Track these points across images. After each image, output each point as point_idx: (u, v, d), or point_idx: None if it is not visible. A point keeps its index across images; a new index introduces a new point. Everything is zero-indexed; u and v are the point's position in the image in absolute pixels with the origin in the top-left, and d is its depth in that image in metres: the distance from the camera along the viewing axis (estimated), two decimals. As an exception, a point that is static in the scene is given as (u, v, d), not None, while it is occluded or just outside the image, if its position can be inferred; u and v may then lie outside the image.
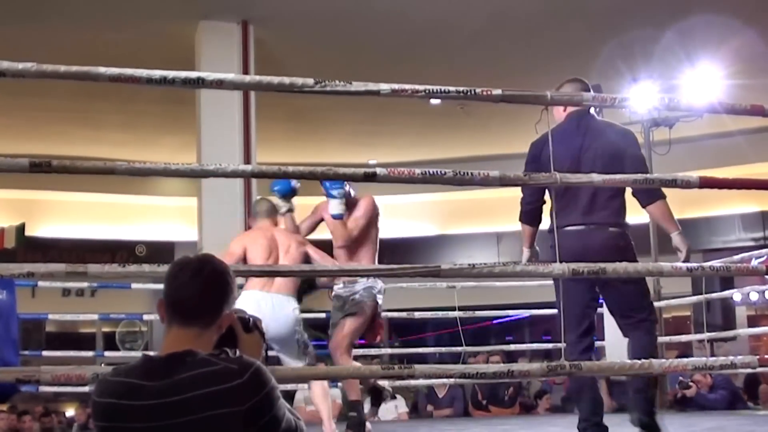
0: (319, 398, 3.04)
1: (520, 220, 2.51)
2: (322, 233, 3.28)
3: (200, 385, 1.09)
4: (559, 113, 2.52)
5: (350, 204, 3.06)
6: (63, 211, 9.15)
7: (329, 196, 3.00)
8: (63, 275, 1.87)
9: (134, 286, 4.59)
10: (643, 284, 2.42)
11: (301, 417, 1.23)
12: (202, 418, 1.08)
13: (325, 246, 3.09)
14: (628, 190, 2.40)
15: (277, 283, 2.85)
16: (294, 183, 3.02)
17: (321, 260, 2.94)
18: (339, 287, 3.17)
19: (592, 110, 2.50)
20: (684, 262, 2.34)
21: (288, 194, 3.04)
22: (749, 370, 5.05)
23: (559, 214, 2.39)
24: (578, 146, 2.37)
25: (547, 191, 2.44)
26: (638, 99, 3.29)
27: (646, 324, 2.37)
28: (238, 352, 1.19)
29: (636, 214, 2.61)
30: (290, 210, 3.08)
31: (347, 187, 3.00)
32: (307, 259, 2.93)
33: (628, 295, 2.37)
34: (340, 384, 4.02)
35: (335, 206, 3.03)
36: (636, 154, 2.41)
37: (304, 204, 3.17)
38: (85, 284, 5.01)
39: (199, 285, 1.19)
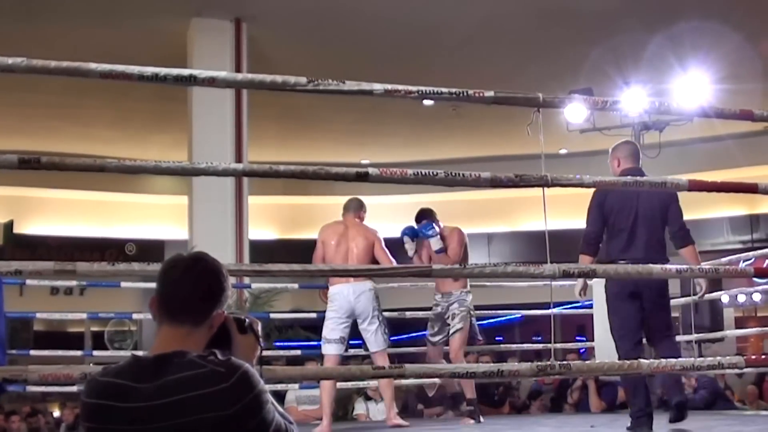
0: (386, 391, 3.65)
1: (583, 252, 2.97)
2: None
3: (186, 388, 1.08)
4: (615, 169, 3.05)
5: (443, 237, 3.73)
6: (52, 209, 9.07)
7: (426, 237, 3.67)
8: (51, 273, 1.86)
9: (123, 284, 4.54)
10: (671, 312, 3.10)
11: (293, 418, 1.23)
12: (188, 422, 1.07)
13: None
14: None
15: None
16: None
17: (383, 257, 3.56)
18: (438, 297, 3.85)
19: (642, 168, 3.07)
20: (701, 296, 3.06)
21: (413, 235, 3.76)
22: (736, 371, 5.10)
23: (620, 250, 2.90)
24: (636, 196, 2.91)
25: (607, 231, 2.97)
26: (629, 102, 3.36)
27: (672, 337, 3.03)
28: (229, 354, 1.18)
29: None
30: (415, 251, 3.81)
31: (437, 226, 3.70)
32: (372, 251, 3.54)
33: (663, 319, 2.98)
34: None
35: (435, 243, 3.68)
36: (678, 206, 2.97)
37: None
38: (73, 283, 4.96)
39: (189, 282, 1.18)
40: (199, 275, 1.19)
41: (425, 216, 3.78)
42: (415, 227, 3.75)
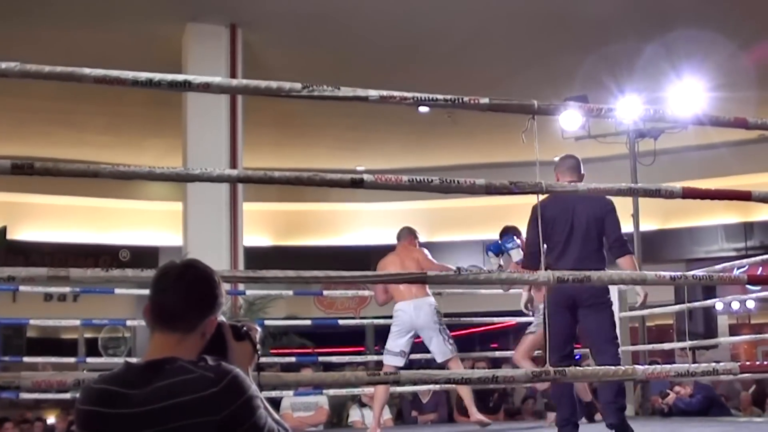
0: (464, 391, 3.86)
1: (524, 266, 3.04)
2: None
3: (177, 393, 1.09)
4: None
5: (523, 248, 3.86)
6: (45, 215, 9.01)
7: (507, 250, 3.84)
8: (45, 279, 1.85)
9: (117, 291, 4.52)
10: (612, 318, 3.05)
11: (288, 425, 1.22)
12: (178, 427, 1.08)
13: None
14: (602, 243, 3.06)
15: (414, 291, 3.74)
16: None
17: (431, 266, 3.75)
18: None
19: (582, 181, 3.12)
20: (641, 305, 3.00)
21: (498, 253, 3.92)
22: (731, 377, 5.10)
23: (554, 261, 2.93)
24: (572, 209, 2.99)
25: (544, 242, 2.98)
26: (624, 110, 3.36)
27: (613, 349, 2.92)
28: (223, 360, 1.18)
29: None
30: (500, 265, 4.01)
31: (518, 239, 3.83)
32: (423, 268, 3.67)
33: (601, 325, 2.93)
34: (324, 391, 4.03)
35: (516, 255, 3.84)
36: (614, 217, 3.04)
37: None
38: (67, 289, 4.94)
39: (180, 289, 1.18)
40: (191, 282, 1.20)
41: (507, 231, 3.97)
42: (499, 242, 3.93)
